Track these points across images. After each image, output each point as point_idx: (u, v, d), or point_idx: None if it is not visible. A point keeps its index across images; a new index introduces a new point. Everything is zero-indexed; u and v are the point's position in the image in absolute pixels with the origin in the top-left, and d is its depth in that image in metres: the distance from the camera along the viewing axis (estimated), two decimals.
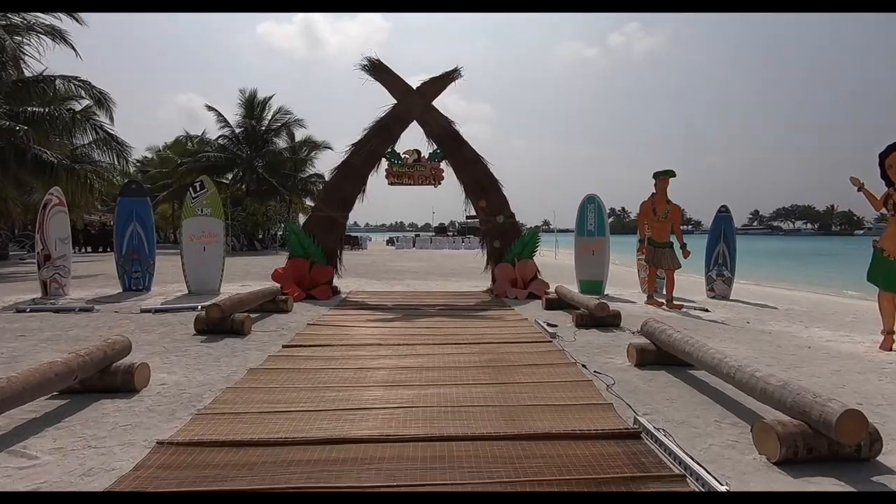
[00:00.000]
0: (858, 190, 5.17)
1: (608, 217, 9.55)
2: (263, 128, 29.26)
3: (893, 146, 4.95)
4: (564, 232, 34.65)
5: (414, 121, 9.05)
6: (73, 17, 14.16)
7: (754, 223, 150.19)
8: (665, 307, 7.64)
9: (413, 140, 9.47)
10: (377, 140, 8.82)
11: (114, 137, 13.16)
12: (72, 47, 14.39)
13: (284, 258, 8.96)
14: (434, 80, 9.02)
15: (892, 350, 4.99)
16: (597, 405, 3.22)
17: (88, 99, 13.97)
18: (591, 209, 9.53)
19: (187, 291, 8.38)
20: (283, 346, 4.80)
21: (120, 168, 14.20)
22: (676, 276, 7.99)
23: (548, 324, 5.95)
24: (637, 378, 3.90)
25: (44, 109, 12.37)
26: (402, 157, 9.09)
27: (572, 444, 2.59)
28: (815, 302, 9.95)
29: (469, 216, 60.11)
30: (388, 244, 44.33)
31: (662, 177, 7.81)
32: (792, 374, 4.03)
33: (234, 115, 29.01)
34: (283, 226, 29.98)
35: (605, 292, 9.30)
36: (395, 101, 8.99)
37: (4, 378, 2.64)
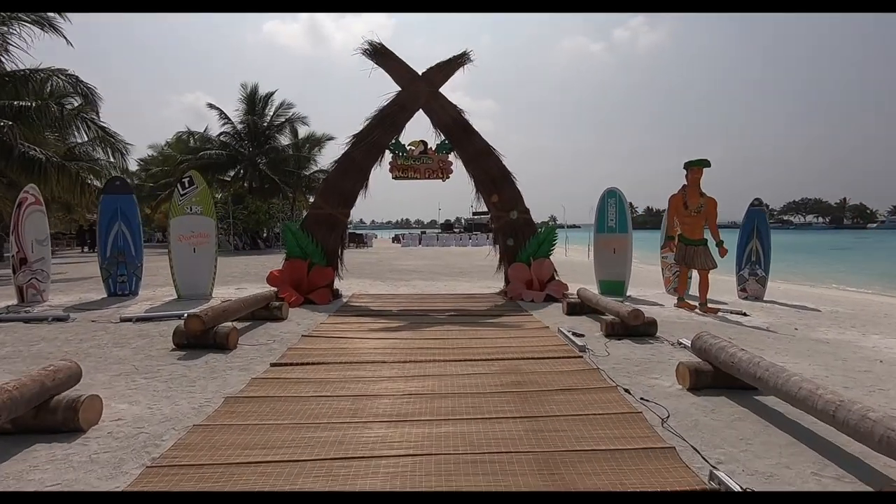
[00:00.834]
0: None
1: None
2: (266, 124, 28.66)
3: None
4: (572, 228, 33.94)
5: (420, 109, 8.35)
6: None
7: None
8: (698, 311, 6.92)
9: (419, 131, 8.80)
10: (380, 131, 8.13)
11: (105, 131, 12.54)
12: (63, 36, 13.80)
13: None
14: (441, 65, 8.31)
15: None
16: (655, 450, 2.53)
17: (76, 94, 13.33)
18: (611, 203, 8.82)
19: (177, 296, 7.76)
20: (272, 364, 4.15)
21: (117, 164, 13.57)
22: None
23: (573, 333, 5.26)
24: (695, 408, 3.20)
25: (31, 104, 11.77)
26: (408, 148, 8.41)
27: None
28: (858, 302, 9.18)
29: (476, 212, 59.38)
30: (394, 241, 43.79)
31: (695, 167, 7.06)
32: (880, 401, 3.33)
33: (235, 111, 28.45)
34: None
35: (628, 293, 8.61)
36: (400, 88, 8.30)
37: None
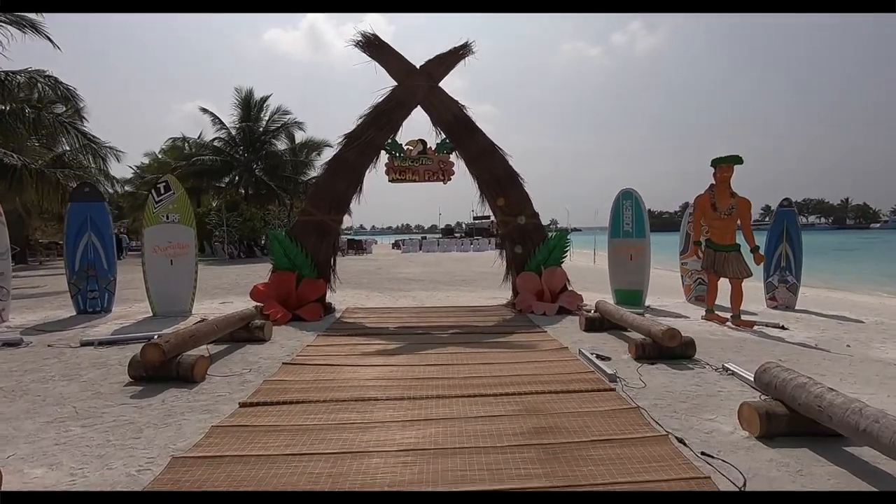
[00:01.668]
0: None
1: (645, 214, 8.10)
2: (261, 129, 28.01)
3: None
4: (574, 231, 33.29)
5: (418, 106, 7.67)
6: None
7: (766, 219, 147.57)
8: (730, 324, 6.21)
9: (418, 130, 8.13)
10: (374, 129, 7.44)
11: (86, 136, 11.86)
12: (48, 38, 13.15)
13: None
14: (441, 57, 7.62)
15: None
16: None
17: (57, 97, 12.67)
18: (627, 205, 8.13)
19: (152, 313, 7.05)
20: (240, 404, 3.43)
21: (98, 168, 12.86)
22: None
23: (597, 356, 4.55)
24: (775, 468, 2.48)
25: (5, 107, 11.10)
26: (405, 148, 7.71)
27: None
28: None
29: (477, 216, 59.25)
30: (393, 247, 43.23)
31: (724, 164, 6.35)
32: None
33: (229, 116, 27.83)
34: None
35: (646, 304, 7.91)
36: (396, 83, 7.61)
37: None
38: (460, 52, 7.62)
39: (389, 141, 7.62)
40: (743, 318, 6.26)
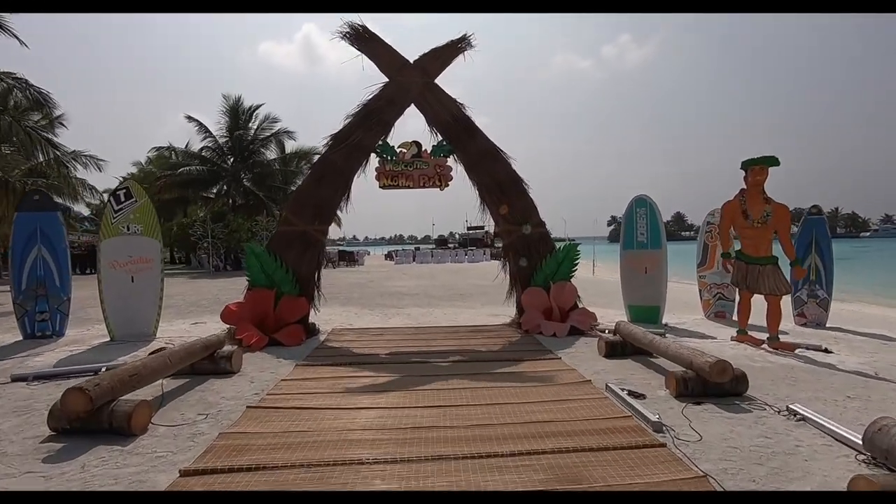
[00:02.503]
0: None
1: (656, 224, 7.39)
2: (250, 137, 27.24)
3: None
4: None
5: (412, 104, 6.94)
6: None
7: None
8: (767, 346, 5.47)
9: (412, 131, 7.40)
10: (363, 130, 6.69)
11: (51, 142, 11.03)
12: (14, 36, 12.39)
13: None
14: (437, 50, 6.92)
15: None
16: None
17: (27, 102, 11.84)
18: (640, 214, 7.43)
19: (110, 338, 6.21)
20: (182, 472, 2.61)
21: (63, 177, 12.01)
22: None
23: (629, 393, 3.78)
24: None
25: None
26: (398, 151, 6.97)
27: None
28: None
29: (471, 227, 58.56)
30: (386, 259, 42.52)
31: (757, 166, 5.64)
32: None
33: (216, 124, 27.05)
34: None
35: (664, 321, 7.19)
36: (388, 79, 6.89)
37: None
38: (458, 45, 6.92)
39: (380, 143, 6.88)
40: (783, 340, 5.53)
